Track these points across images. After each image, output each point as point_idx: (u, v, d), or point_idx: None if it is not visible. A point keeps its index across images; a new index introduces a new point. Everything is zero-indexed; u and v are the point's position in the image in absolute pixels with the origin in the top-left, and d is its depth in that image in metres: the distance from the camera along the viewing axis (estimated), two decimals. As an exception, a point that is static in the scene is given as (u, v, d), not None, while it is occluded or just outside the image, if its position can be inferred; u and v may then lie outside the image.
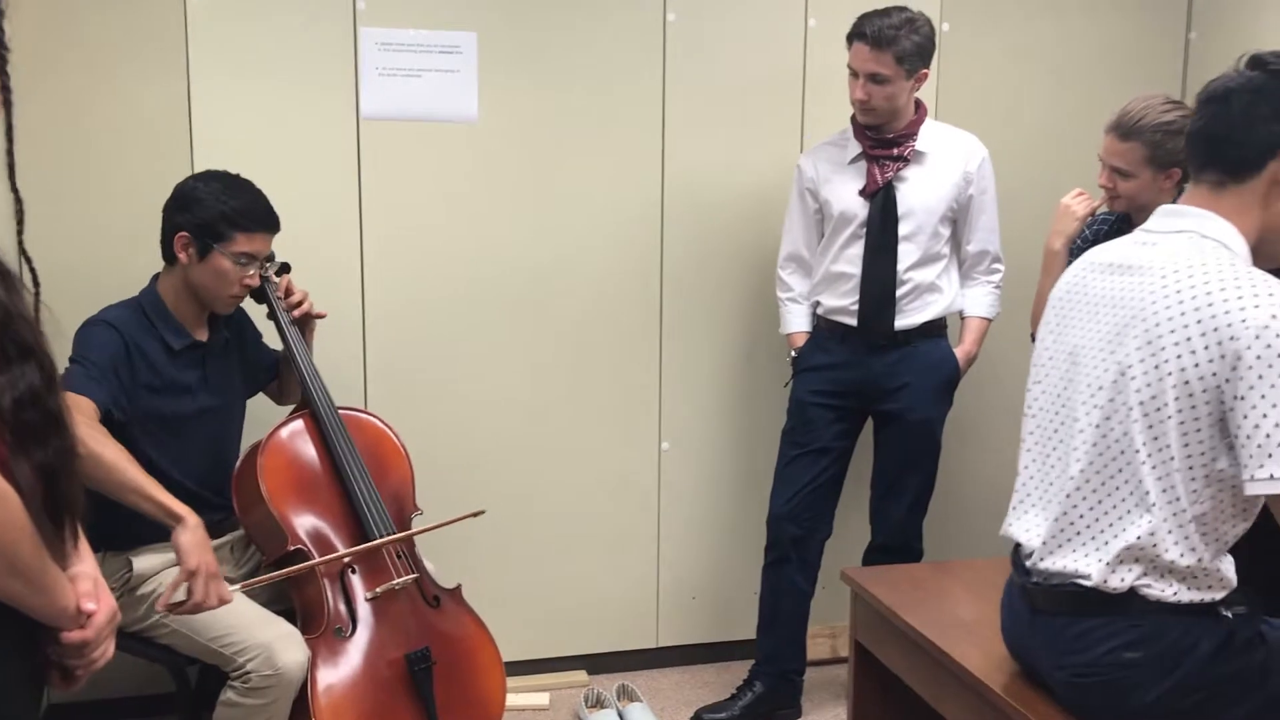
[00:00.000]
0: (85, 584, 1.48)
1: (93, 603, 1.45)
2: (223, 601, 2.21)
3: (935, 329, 3.00)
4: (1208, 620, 1.61)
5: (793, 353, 3.11)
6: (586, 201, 3.20)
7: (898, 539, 3.10)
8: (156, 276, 2.54)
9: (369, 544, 2.47)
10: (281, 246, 2.64)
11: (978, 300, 3.04)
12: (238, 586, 2.30)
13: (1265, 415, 1.50)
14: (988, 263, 3.03)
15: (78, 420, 2.27)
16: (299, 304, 2.65)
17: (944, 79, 3.33)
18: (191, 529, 2.18)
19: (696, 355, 3.34)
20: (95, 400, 2.30)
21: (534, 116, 3.13)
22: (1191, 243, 1.65)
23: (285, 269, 2.71)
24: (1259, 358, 1.50)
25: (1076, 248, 2.69)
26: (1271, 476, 1.50)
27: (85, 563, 1.55)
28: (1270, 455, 1.49)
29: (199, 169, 2.83)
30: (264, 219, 2.50)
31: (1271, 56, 1.65)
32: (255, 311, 2.69)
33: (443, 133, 3.08)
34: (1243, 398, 1.51)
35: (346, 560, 2.46)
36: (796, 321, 3.09)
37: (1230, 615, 1.62)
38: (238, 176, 2.52)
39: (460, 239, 3.13)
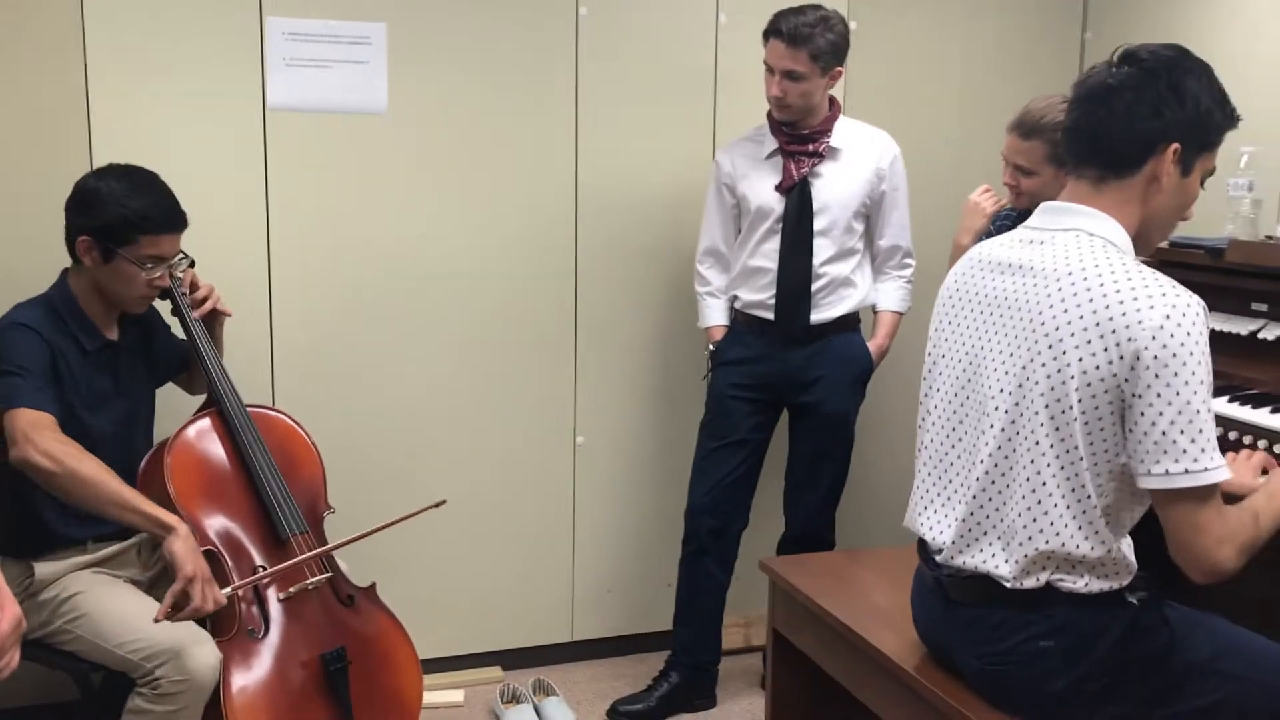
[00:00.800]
0: None
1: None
2: (218, 604, 2.22)
3: (849, 323, 3.05)
4: (1115, 607, 1.67)
5: (710, 346, 3.14)
6: (499, 194, 3.18)
7: (811, 529, 3.15)
8: (66, 272, 2.45)
9: (329, 546, 2.45)
10: (186, 240, 2.56)
11: (890, 295, 3.10)
12: (229, 589, 2.28)
13: (1161, 413, 1.55)
14: (899, 258, 3.09)
15: (48, 437, 2.21)
16: (204, 300, 2.59)
17: (851, 76, 3.38)
18: (183, 537, 2.18)
19: (612, 349, 3.35)
20: (52, 413, 2.23)
21: (444, 109, 3.10)
22: (1079, 241, 1.69)
23: (189, 264, 2.65)
24: (1155, 358, 1.55)
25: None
26: (1167, 472, 1.56)
27: None
28: (1165, 452, 1.55)
29: (98, 164, 2.75)
30: (169, 220, 2.40)
31: (1145, 52, 1.69)
32: (161, 306, 2.62)
33: (351, 124, 3.03)
34: (1140, 396, 1.57)
35: (258, 560, 2.41)
36: (714, 315, 3.12)
37: (1135, 601, 1.68)
38: (140, 172, 2.42)
39: (370, 233, 3.08)
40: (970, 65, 3.56)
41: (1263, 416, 2.20)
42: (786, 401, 3.10)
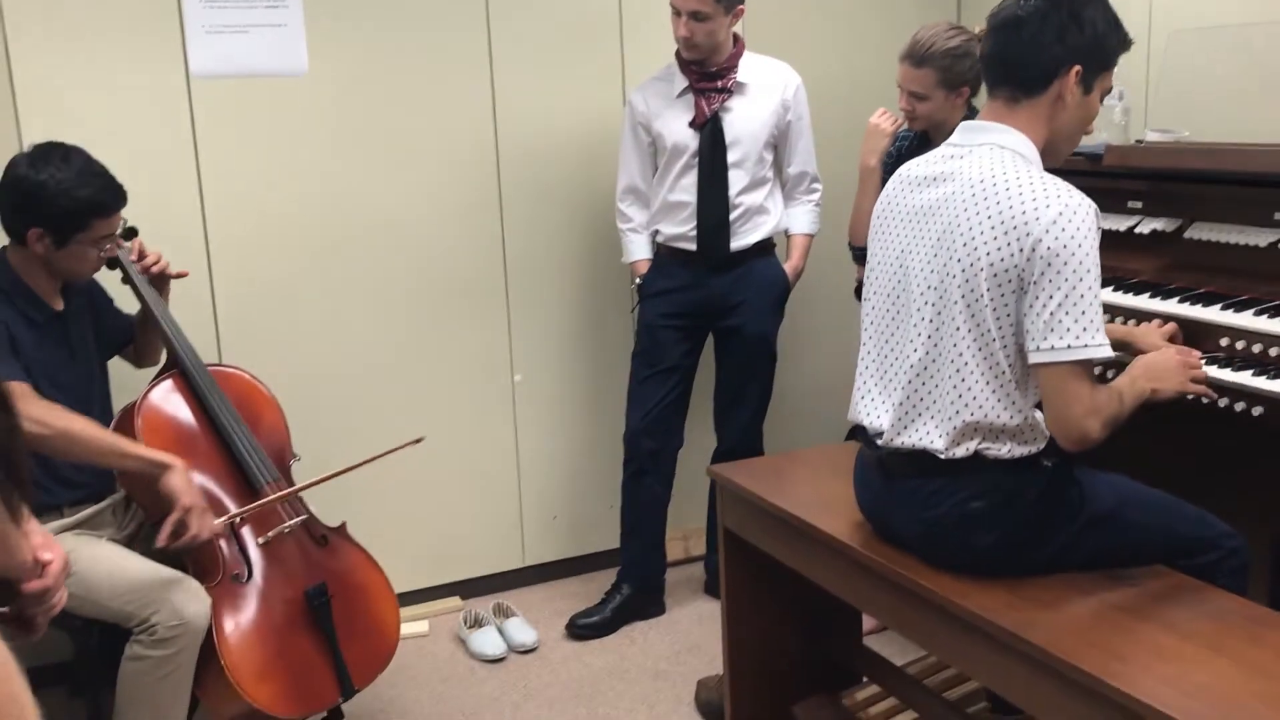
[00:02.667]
0: (37, 538, 1.56)
1: (49, 553, 1.54)
2: (213, 533, 2.39)
3: (766, 248, 3.25)
4: (1033, 470, 1.91)
5: (636, 280, 3.31)
6: (423, 145, 3.30)
7: (742, 443, 3.37)
8: (2, 250, 2.49)
9: (308, 483, 2.58)
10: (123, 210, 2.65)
11: (800, 218, 3.31)
12: (224, 519, 2.44)
13: (1051, 296, 1.78)
14: (807, 183, 3.30)
15: (31, 403, 2.30)
16: (155, 264, 2.67)
17: (750, 13, 3.56)
18: (179, 471, 2.33)
19: (541, 288, 3.51)
20: (24, 380, 2.32)
21: (363, 66, 3.20)
22: (993, 154, 1.92)
23: (133, 233, 2.72)
24: (1049, 249, 1.78)
25: (885, 163, 2.98)
26: (1053, 348, 1.79)
27: (30, 520, 1.63)
28: (1053, 330, 1.79)
29: (26, 136, 2.80)
30: (116, 199, 2.46)
31: None
32: (111, 277, 2.68)
33: (274, 87, 3.11)
34: (1035, 282, 1.80)
35: (236, 510, 2.53)
36: (638, 250, 3.29)
37: (1049, 464, 1.93)
38: (74, 154, 2.42)
39: (300, 191, 3.18)
40: (855, 2, 3.76)
41: (1143, 301, 2.46)
42: (712, 326, 3.30)
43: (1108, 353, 1.82)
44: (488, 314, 3.45)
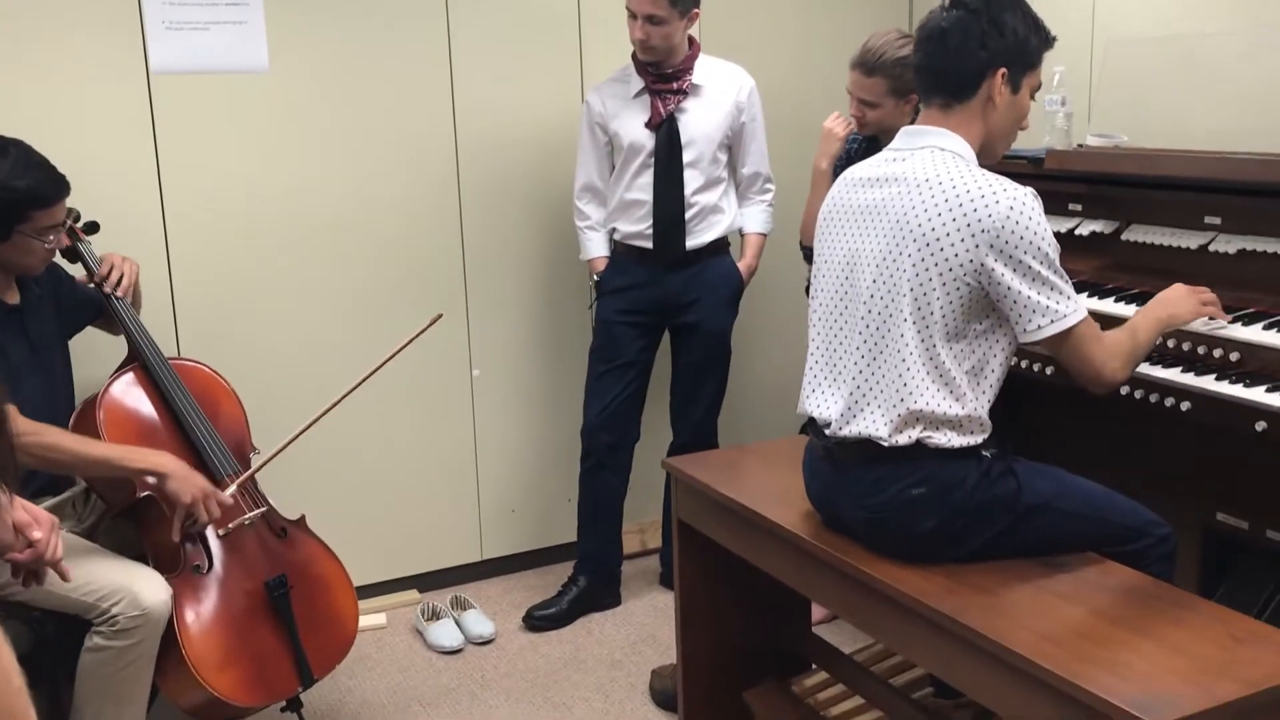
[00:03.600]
0: (20, 513, 1.65)
1: (37, 531, 1.63)
2: (223, 506, 2.45)
3: (720, 247, 3.33)
4: (972, 460, 1.99)
5: (594, 277, 3.37)
6: (382, 141, 3.34)
7: (697, 438, 3.44)
8: None
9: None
10: (81, 208, 2.67)
11: (754, 218, 3.38)
12: (232, 488, 2.49)
13: (1020, 281, 1.89)
14: (760, 183, 3.37)
15: (19, 420, 2.31)
16: (119, 281, 2.67)
17: (705, 16, 3.63)
18: (177, 478, 2.36)
19: (500, 283, 3.56)
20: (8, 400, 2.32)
21: (324, 63, 3.23)
22: (933, 156, 2.01)
23: (93, 227, 2.74)
24: (1007, 241, 1.88)
25: (836, 166, 3.05)
26: (1039, 327, 1.92)
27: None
28: (1034, 312, 1.91)
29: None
30: (58, 190, 2.46)
31: None
32: (72, 270, 2.70)
33: (235, 83, 3.14)
34: (1001, 274, 1.89)
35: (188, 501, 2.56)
36: (595, 248, 3.35)
37: (988, 455, 2.01)
38: (12, 145, 2.42)
39: (261, 187, 3.21)
40: (807, 9, 3.84)
41: (1081, 301, 2.55)
42: (668, 323, 3.37)
43: (1083, 314, 1.95)
44: (446, 308, 3.44)
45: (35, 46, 2.90)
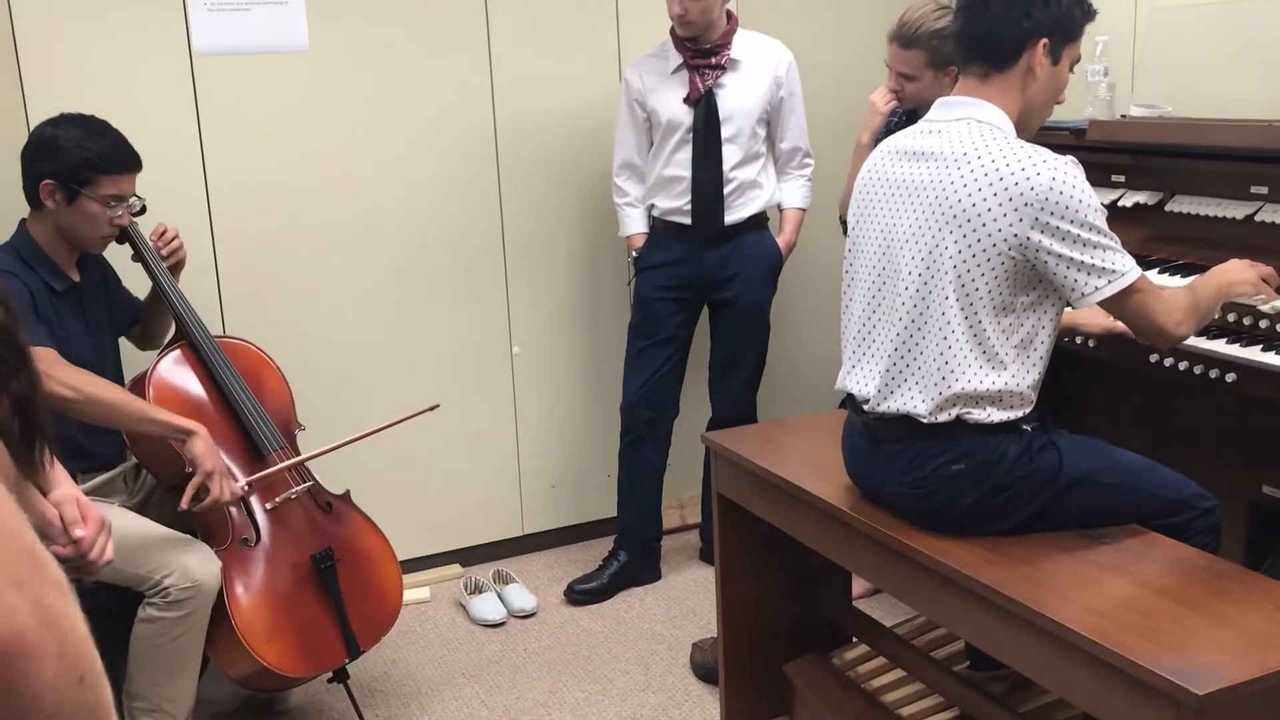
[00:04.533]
0: (70, 509, 1.65)
1: (80, 528, 1.63)
2: (234, 495, 2.47)
3: (759, 222, 3.32)
4: (1012, 434, 1.98)
5: (633, 253, 3.38)
6: (421, 119, 3.36)
7: (735, 413, 3.44)
8: (23, 221, 2.57)
9: (320, 451, 2.65)
10: (130, 184, 2.72)
11: (793, 193, 3.38)
12: (243, 482, 2.52)
13: (1071, 248, 1.87)
14: (800, 158, 3.36)
15: (62, 369, 2.37)
16: (170, 245, 2.74)
17: (744, -10, 3.62)
18: (202, 437, 2.40)
19: (540, 261, 3.57)
20: (53, 347, 2.38)
21: (363, 43, 3.25)
22: (969, 128, 1.99)
23: (141, 209, 2.78)
24: (1053, 212, 1.87)
25: (878, 140, 3.03)
26: (1097, 289, 1.90)
27: (63, 486, 1.72)
28: (1089, 274, 1.89)
29: (33, 113, 2.85)
30: (128, 160, 2.55)
31: None
32: (122, 251, 2.75)
33: (276, 64, 3.17)
34: (1050, 243, 1.88)
35: (243, 478, 2.60)
36: (635, 224, 3.36)
37: (1029, 429, 2.01)
38: (94, 120, 2.54)
39: (301, 166, 3.24)
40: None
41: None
42: (707, 298, 3.37)
43: (1138, 271, 1.94)
44: (487, 287, 3.52)
45: (80, 29, 2.94)
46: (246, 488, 2.56)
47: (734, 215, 3.25)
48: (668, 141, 3.23)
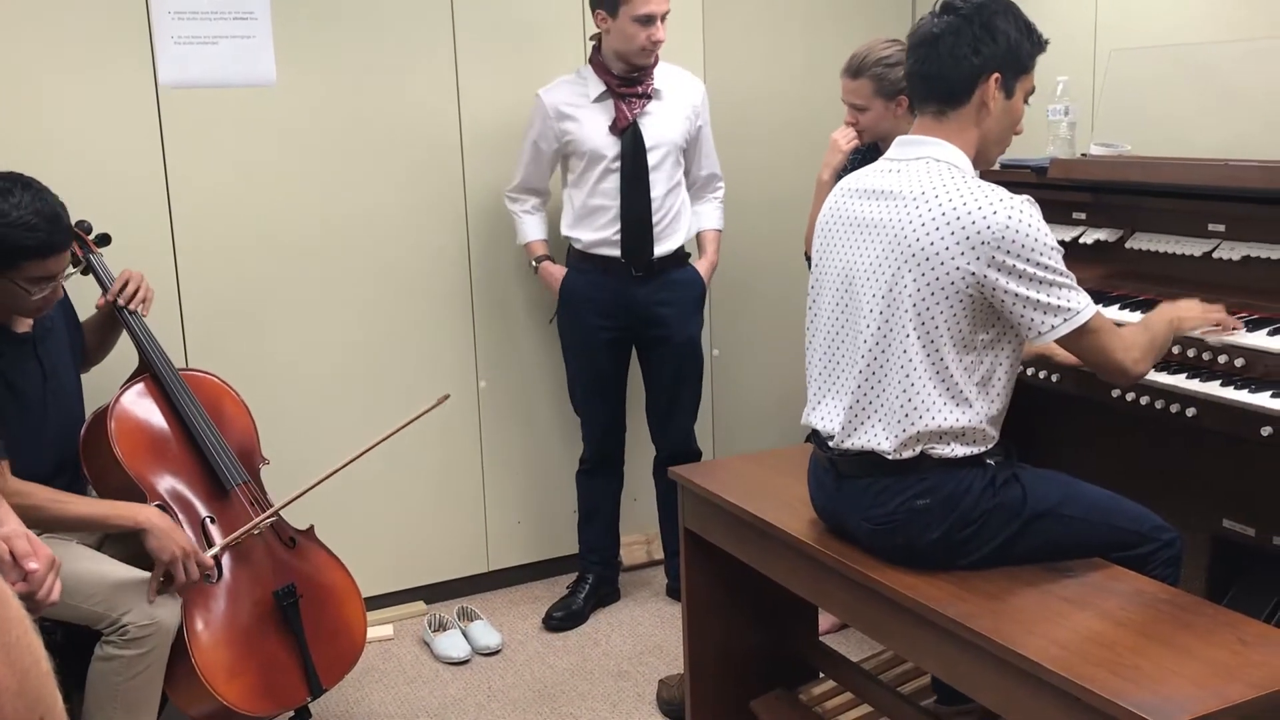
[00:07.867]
0: (20, 543, 1.63)
1: (33, 561, 1.60)
2: (204, 568, 2.41)
3: (682, 256, 3.37)
4: (977, 468, 2.00)
5: (533, 262, 3.38)
6: (389, 154, 3.36)
7: (684, 447, 3.48)
8: None
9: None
10: (95, 216, 2.69)
11: (710, 215, 3.46)
12: (214, 550, 2.46)
13: (1027, 287, 1.89)
14: (715, 182, 3.46)
15: (9, 479, 2.28)
16: (133, 294, 2.69)
17: (710, 27, 3.65)
18: (155, 531, 2.35)
19: (506, 296, 3.57)
20: (4, 459, 2.30)
21: (331, 76, 3.25)
22: (928, 167, 2.01)
23: (106, 240, 2.76)
24: (1008, 252, 1.88)
25: (838, 177, 3.06)
26: (1054, 327, 1.92)
27: (10, 523, 1.69)
28: (1045, 313, 1.91)
29: (-2, 146, 2.83)
30: (49, 243, 2.31)
31: (960, 1, 2.03)
32: (85, 282, 2.71)
33: (243, 97, 3.16)
34: (1007, 282, 1.89)
35: (205, 513, 2.58)
36: (533, 230, 3.36)
37: (992, 463, 2.02)
38: (19, 186, 2.30)
39: (268, 199, 3.23)
40: (812, 21, 3.86)
41: (1086, 308, 2.57)
42: (637, 337, 3.37)
43: (1094, 309, 1.95)
44: (453, 320, 3.51)
45: (46, 62, 2.92)
46: (206, 526, 2.52)
47: (663, 247, 3.27)
48: (592, 171, 3.23)
